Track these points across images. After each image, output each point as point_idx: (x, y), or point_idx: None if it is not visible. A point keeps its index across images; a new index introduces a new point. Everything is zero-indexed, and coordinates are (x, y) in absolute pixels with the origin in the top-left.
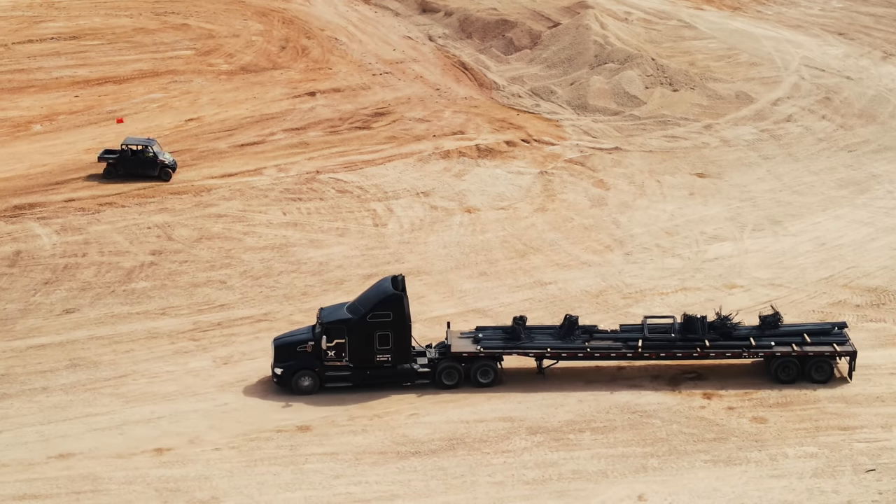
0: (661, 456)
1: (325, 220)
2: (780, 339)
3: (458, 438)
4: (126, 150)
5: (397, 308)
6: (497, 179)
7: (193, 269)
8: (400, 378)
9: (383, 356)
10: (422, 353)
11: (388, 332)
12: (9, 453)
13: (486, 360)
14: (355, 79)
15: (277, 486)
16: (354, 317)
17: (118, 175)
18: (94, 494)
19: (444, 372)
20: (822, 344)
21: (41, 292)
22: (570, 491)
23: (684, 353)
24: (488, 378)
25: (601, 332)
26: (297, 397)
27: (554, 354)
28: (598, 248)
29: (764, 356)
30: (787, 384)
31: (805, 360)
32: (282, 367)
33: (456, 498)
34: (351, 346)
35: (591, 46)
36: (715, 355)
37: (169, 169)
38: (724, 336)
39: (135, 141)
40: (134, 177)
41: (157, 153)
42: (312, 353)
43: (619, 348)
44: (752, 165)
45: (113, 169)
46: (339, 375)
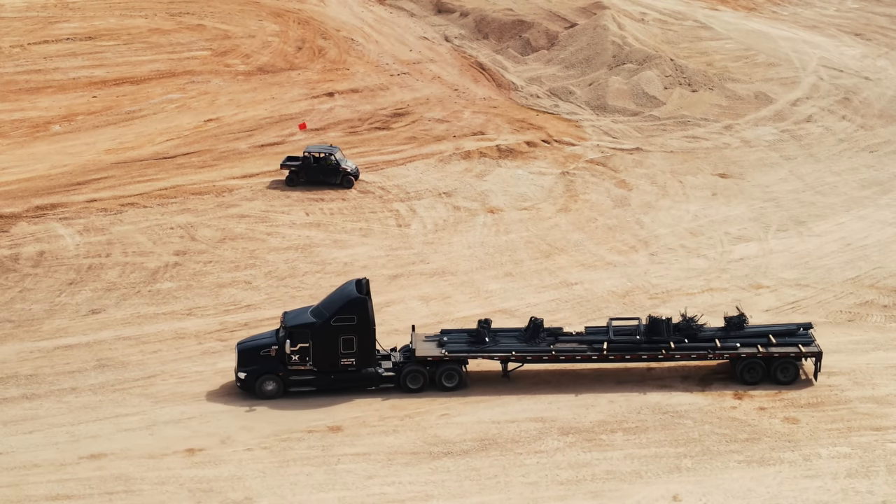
0: (695, 456)
1: (348, 220)
2: (746, 340)
3: (489, 439)
4: (308, 158)
5: (361, 312)
6: (519, 180)
7: (218, 270)
8: (364, 382)
9: (347, 360)
10: (386, 356)
11: (353, 335)
12: (40, 454)
13: (451, 363)
14: (373, 79)
15: (311, 487)
16: (318, 321)
17: (300, 182)
18: (126, 495)
19: (408, 376)
20: (788, 345)
21: (66, 293)
22: (604, 491)
23: (649, 355)
24: (453, 382)
25: (566, 334)
26: (330, 399)
27: (519, 357)
28: (622, 249)
29: (729, 357)
30: (752, 385)
31: (770, 362)
32: (245, 371)
33: (490, 498)
34: (315, 350)
35: (609, 47)
36: (680, 357)
37: (351, 176)
38: (690, 338)
39: (317, 149)
40: (316, 184)
41: (339, 161)
42: (276, 357)
43: (585, 351)
44: (774, 166)
45: (295, 176)
46: (303, 380)
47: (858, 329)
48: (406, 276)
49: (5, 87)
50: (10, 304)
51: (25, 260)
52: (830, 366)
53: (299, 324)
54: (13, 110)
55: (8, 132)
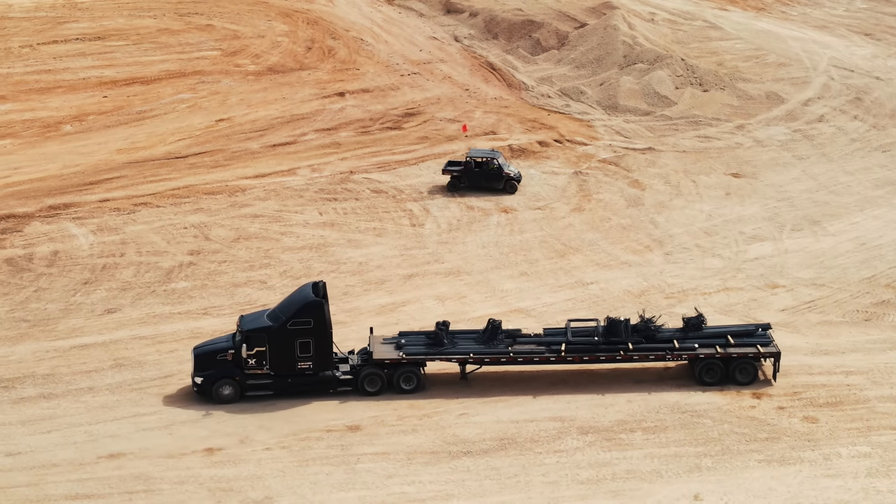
0: (715, 456)
1: (362, 220)
2: (704, 340)
3: (509, 438)
4: (470, 162)
5: (318, 315)
6: (532, 179)
7: (233, 269)
8: (322, 385)
9: (304, 364)
10: (344, 359)
11: (310, 339)
12: (59, 453)
13: (409, 366)
14: (383, 79)
15: (330, 486)
16: (275, 324)
17: (462, 187)
18: (146, 494)
19: (366, 379)
20: (746, 345)
21: (81, 292)
22: (625, 490)
23: (608, 357)
24: (411, 384)
25: (524, 336)
26: (348, 398)
27: (477, 359)
28: (637, 248)
29: (688, 358)
30: (711, 386)
31: (729, 362)
32: (202, 376)
33: (511, 497)
34: (272, 353)
35: (619, 47)
36: (638, 358)
37: (514, 181)
38: (648, 339)
39: (479, 153)
40: (478, 189)
41: (502, 165)
42: (233, 361)
43: (543, 352)
44: (787, 165)
45: (457, 181)
46: (260, 384)
47: (875, 328)
48: (421, 275)
49: (16, 87)
50: (25, 304)
51: (40, 259)
52: (849, 365)
53: (256, 328)
54: (24, 110)
55: (19, 132)
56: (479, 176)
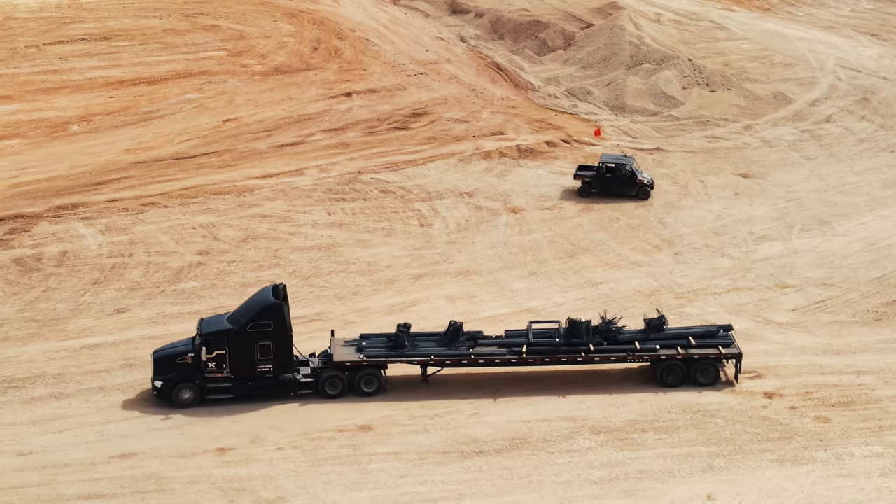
0: (727, 455)
1: (371, 220)
2: (665, 342)
3: (521, 438)
4: (602, 168)
5: (278, 317)
6: (539, 179)
7: (242, 269)
8: (282, 388)
9: (265, 367)
10: (304, 362)
11: (269, 342)
12: (70, 453)
13: (370, 368)
14: (390, 79)
15: (343, 486)
16: (235, 327)
17: (593, 193)
18: (158, 494)
19: (327, 381)
20: (708, 347)
21: (90, 292)
22: (637, 490)
23: (569, 358)
24: (372, 387)
25: (486, 338)
26: (358, 398)
27: (437, 362)
28: (646, 248)
29: (649, 360)
30: (672, 388)
31: (690, 363)
32: (161, 380)
33: (524, 497)
34: (232, 357)
35: (626, 47)
36: (600, 360)
37: (648, 188)
38: (609, 340)
39: (612, 158)
40: (610, 195)
41: (635, 171)
42: (193, 365)
43: (504, 354)
44: (795, 166)
45: (588, 186)
46: (221, 387)
47: (886, 328)
48: (430, 275)
49: (22, 88)
50: (34, 304)
51: (48, 259)
52: (860, 365)
53: (215, 331)
54: (31, 110)
55: (26, 132)
56: (611, 182)
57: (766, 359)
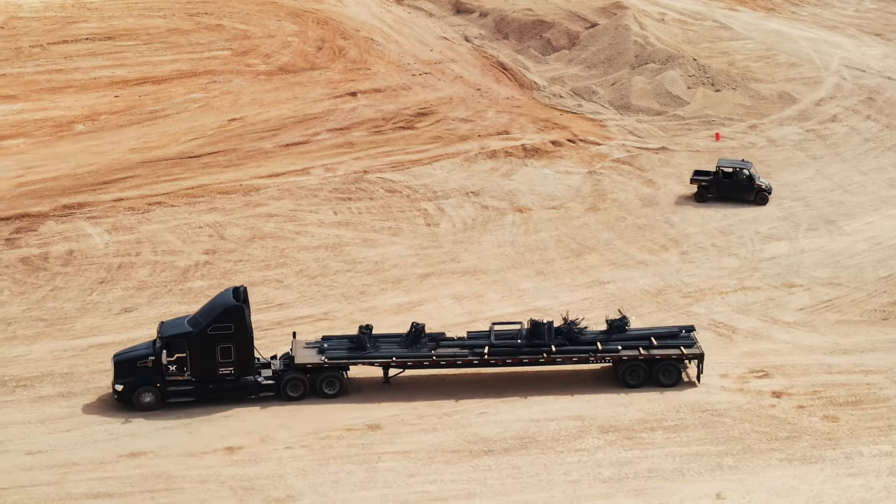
0: (736, 455)
1: (377, 219)
2: (628, 342)
3: (529, 437)
4: (719, 172)
5: (238, 320)
6: (546, 179)
7: (249, 269)
8: (244, 391)
9: (226, 369)
10: (266, 364)
11: (230, 344)
12: (79, 452)
13: (332, 370)
14: (395, 79)
15: (352, 485)
16: (195, 330)
17: (710, 197)
18: (168, 493)
19: (288, 383)
20: (670, 347)
21: (98, 291)
22: (647, 489)
23: (531, 359)
24: (334, 389)
25: (448, 339)
26: (368, 396)
27: (399, 363)
28: (653, 248)
29: (611, 360)
30: (635, 388)
31: (652, 364)
32: (122, 383)
33: (533, 496)
34: (192, 359)
35: (631, 47)
36: (562, 360)
37: (766, 193)
38: (571, 341)
39: (728, 163)
40: (727, 200)
41: (752, 176)
42: (153, 368)
43: (466, 355)
44: (801, 165)
45: (705, 191)
46: (182, 390)
47: (894, 327)
48: (437, 274)
49: (27, 87)
50: (42, 303)
51: (55, 259)
52: (868, 364)
53: (176, 333)
54: (36, 110)
55: (32, 131)
56: (728, 186)
57: (774, 358)
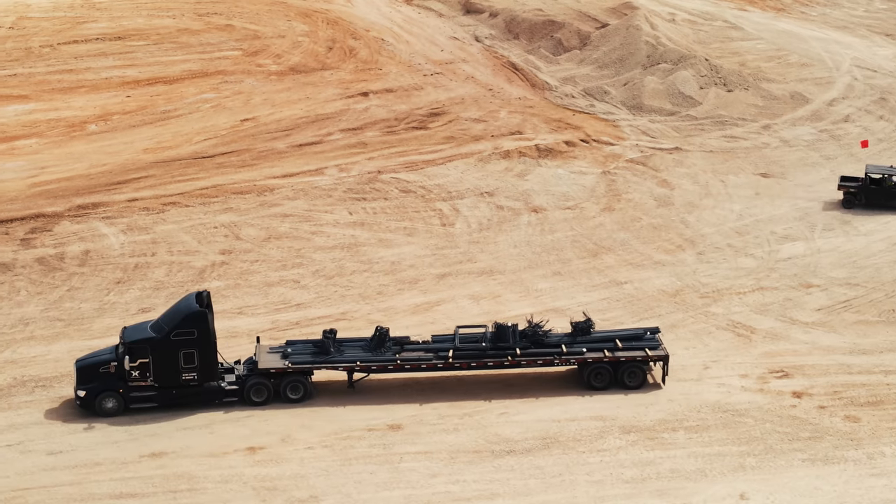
0: (758, 455)
1: (392, 219)
2: (592, 345)
3: (551, 437)
4: (867, 179)
5: (201, 325)
6: (560, 179)
7: (265, 269)
8: (207, 396)
9: (189, 375)
10: (230, 370)
11: (193, 350)
12: (101, 452)
13: (296, 375)
14: (406, 79)
15: (375, 485)
16: (158, 335)
17: (858, 204)
18: (190, 493)
19: (252, 388)
20: (634, 349)
21: (114, 291)
22: (670, 490)
23: (495, 362)
24: (298, 393)
25: (412, 343)
26: (388, 396)
27: (363, 367)
28: (669, 248)
29: (576, 363)
30: (600, 391)
31: (618, 366)
32: (84, 389)
33: (556, 497)
34: (155, 365)
35: (642, 47)
36: (527, 363)
37: None
38: (536, 344)
39: (877, 169)
40: (876, 208)
41: None
42: (116, 373)
43: (430, 359)
44: (815, 165)
45: (853, 198)
46: (145, 396)
47: None
48: (454, 275)
49: (38, 87)
50: (59, 303)
51: (71, 259)
52: (887, 364)
53: (138, 339)
54: (48, 109)
55: (44, 131)
56: (877, 193)
57: (794, 358)
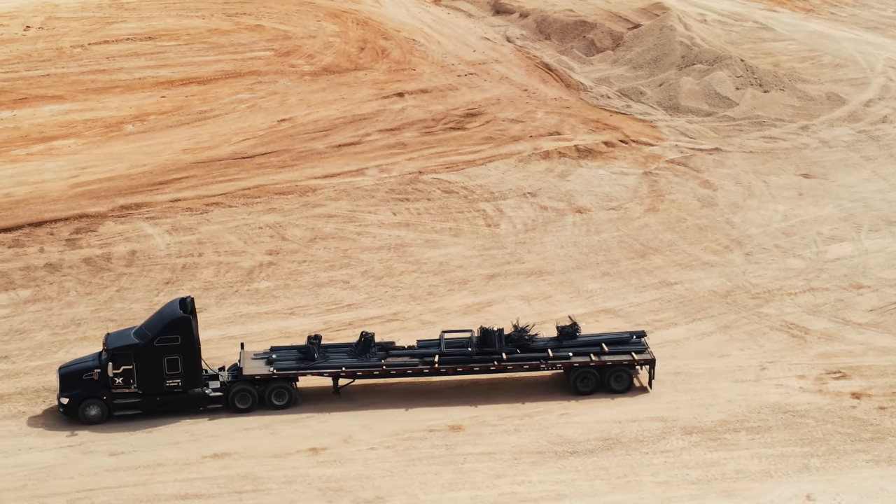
0: (822, 456)
1: (437, 220)
2: (578, 349)
3: (613, 438)
4: None
5: (185, 331)
6: (602, 180)
7: (314, 269)
8: (192, 403)
9: (173, 381)
10: (214, 376)
11: (177, 356)
12: (163, 453)
13: (281, 381)
14: (440, 80)
15: (440, 486)
16: (141, 342)
17: None
18: (256, 494)
19: (236, 395)
20: (621, 353)
21: (164, 292)
22: (736, 490)
23: (481, 367)
24: (283, 400)
25: (398, 348)
26: (446, 397)
27: (349, 373)
28: (717, 249)
29: (562, 367)
30: (586, 395)
31: (604, 370)
32: (67, 396)
33: (623, 498)
34: (139, 372)
35: (677, 47)
36: (512, 368)
37: None
38: (522, 348)
39: None
40: None
41: None
42: (99, 380)
43: (416, 364)
44: (856, 166)
45: None
46: (128, 403)
47: None
48: (503, 275)
49: (72, 87)
50: (109, 304)
51: (118, 259)
52: None
53: (121, 346)
54: (84, 110)
55: (81, 132)
56: None
57: (850, 359)
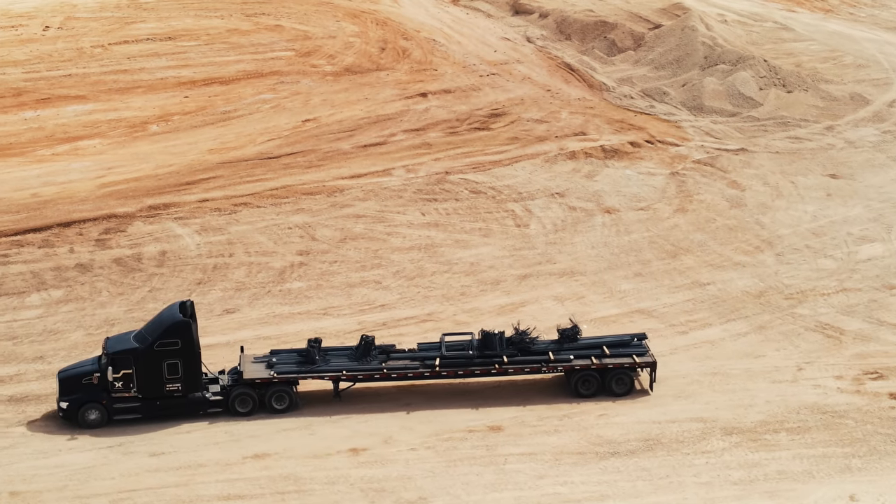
0: (863, 456)
1: (466, 220)
2: (579, 352)
3: (653, 439)
4: None
5: (186, 335)
6: (629, 180)
7: (345, 270)
8: (192, 407)
9: (173, 386)
10: (214, 380)
11: (177, 360)
12: (203, 453)
13: (281, 385)
14: (463, 80)
15: (483, 487)
16: (141, 346)
17: None
18: (298, 495)
19: (237, 399)
20: (622, 356)
21: (196, 292)
22: (779, 491)
23: (482, 370)
24: (283, 404)
25: (398, 351)
26: (484, 398)
27: (349, 377)
28: (747, 249)
29: (563, 370)
30: (587, 398)
31: (605, 373)
32: (67, 400)
33: (666, 498)
34: (139, 376)
35: (699, 48)
36: (514, 371)
37: None
38: (523, 351)
39: None
40: None
41: None
42: (99, 384)
43: (417, 367)
44: (883, 167)
45: None
46: (128, 407)
47: None
48: (535, 276)
49: (95, 88)
50: (142, 304)
51: (149, 260)
52: None
53: (121, 349)
54: (107, 110)
55: (106, 132)
56: None
57: (886, 360)
